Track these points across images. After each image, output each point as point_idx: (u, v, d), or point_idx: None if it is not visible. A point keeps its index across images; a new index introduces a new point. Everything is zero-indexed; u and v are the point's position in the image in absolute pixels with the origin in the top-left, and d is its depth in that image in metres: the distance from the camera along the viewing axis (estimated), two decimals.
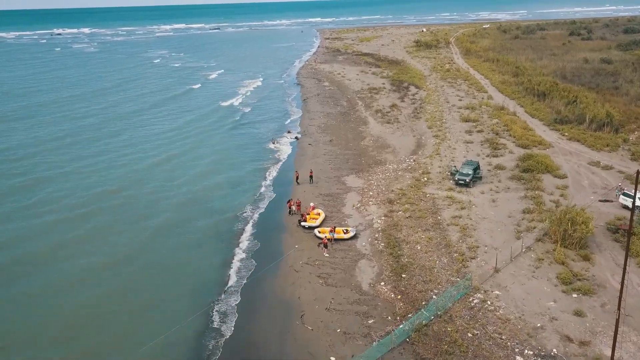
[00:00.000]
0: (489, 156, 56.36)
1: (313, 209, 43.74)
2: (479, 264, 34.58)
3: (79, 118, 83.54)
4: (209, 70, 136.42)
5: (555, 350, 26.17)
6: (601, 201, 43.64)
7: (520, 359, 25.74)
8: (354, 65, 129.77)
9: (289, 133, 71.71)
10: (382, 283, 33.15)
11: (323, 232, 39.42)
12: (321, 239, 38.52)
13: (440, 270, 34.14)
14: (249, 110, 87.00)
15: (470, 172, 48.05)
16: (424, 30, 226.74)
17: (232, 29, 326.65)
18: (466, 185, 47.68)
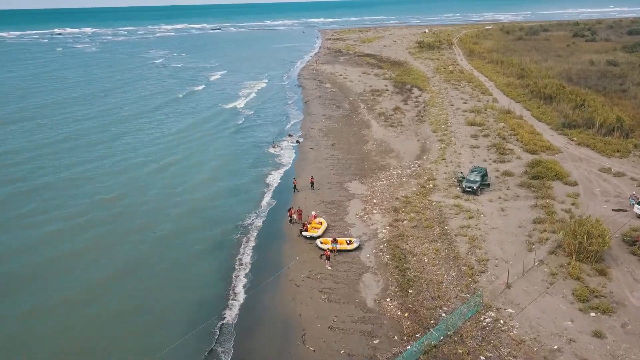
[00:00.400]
0: (496, 162, 54.64)
1: (315, 217, 42.04)
2: (489, 278, 32.87)
3: (78, 121, 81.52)
4: (210, 71, 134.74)
5: None
6: (615, 210, 41.89)
7: None
8: (356, 67, 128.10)
9: (290, 137, 70.01)
10: (388, 299, 31.45)
11: (325, 243, 37.72)
12: (323, 250, 36.85)
13: (448, 285, 32.44)
14: (249, 113, 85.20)
15: (478, 179, 46.34)
16: (426, 31, 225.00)
17: (234, 29, 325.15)
18: (474, 192, 45.98)
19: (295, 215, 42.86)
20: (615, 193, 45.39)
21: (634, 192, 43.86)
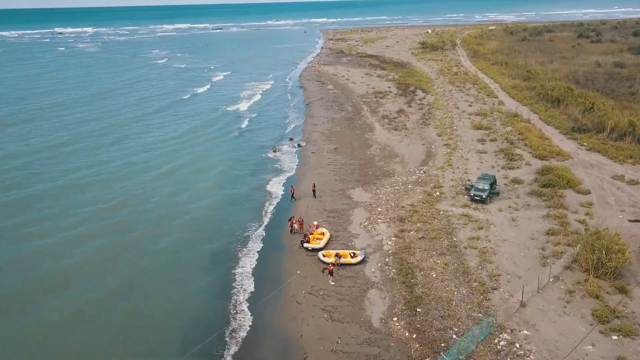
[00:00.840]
0: (504, 168, 52.76)
1: (317, 227, 40.16)
2: (502, 295, 31.01)
3: (78, 123, 79.45)
4: (213, 72, 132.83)
5: None
6: (631, 221, 40.02)
7: None
8: (359, 68, 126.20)
9: (291, 140, 68.19)
10: (395, 319, 29.59)
11: (328, 256, 35.88)
12: (326, 264, 35.00)
13: (459, 303, 30.58)
14: (251, 116, 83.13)
15: (487, 188, 44.45)
16: (429, 31, 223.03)
17: (236, 29, 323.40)
18: (482, 201, 44.11)
19: (296, 225, 41.02)
20: (630, 202, 43.49)
21: None
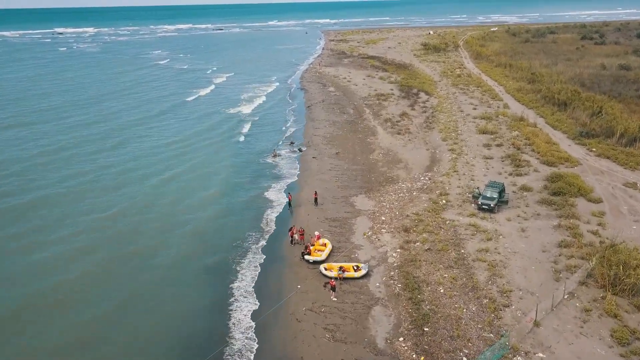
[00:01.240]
0: (512, 175, 51.08)
1: (318, 238, 38.49)
2: (514, 314, 29.34)
3: (76, 127, 77.53)
4: (214, 73, 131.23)
5: None
6: None
7: None
8: (360, 69, 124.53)
9: (292, 144, 66.53)
10: (401, 339, 27.92)
11: (330, 269, 34.22)
12: (328, 277, 33.35)
13: (469, 321, 28.91)
14: (252, 119, 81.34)
15: (496, 196, 42.76)
16: (431, 32, 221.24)
17: (237, 30, 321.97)
18: (490, 210, 42.43)
19: (296, 236, 39.35)
20: None
21: None
